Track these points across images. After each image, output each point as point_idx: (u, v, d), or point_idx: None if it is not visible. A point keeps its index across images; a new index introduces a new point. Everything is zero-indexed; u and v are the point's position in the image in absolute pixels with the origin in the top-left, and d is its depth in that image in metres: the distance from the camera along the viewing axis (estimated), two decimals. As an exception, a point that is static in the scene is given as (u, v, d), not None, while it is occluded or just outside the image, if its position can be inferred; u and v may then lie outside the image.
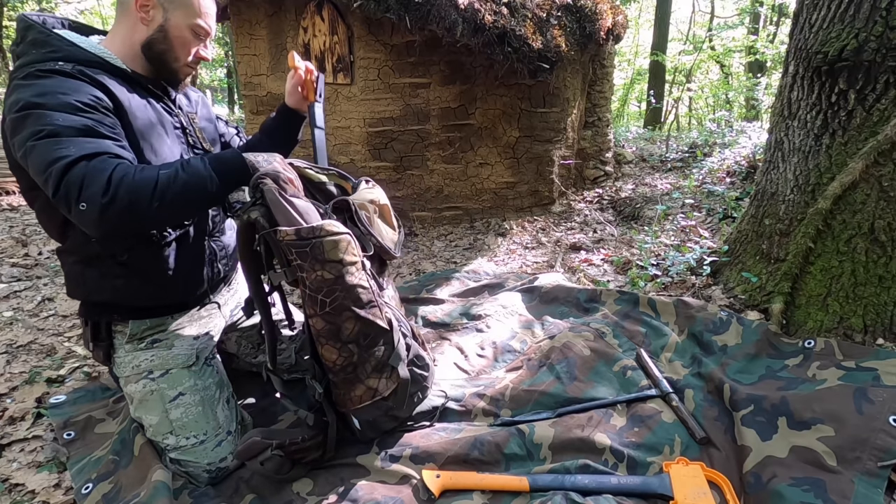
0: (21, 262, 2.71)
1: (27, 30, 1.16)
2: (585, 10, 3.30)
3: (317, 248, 1.12)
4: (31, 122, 1.02)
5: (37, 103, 1.03)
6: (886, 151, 1.49)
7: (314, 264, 1.12)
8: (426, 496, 1.16)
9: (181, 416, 1.27)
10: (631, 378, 1.53)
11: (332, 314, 1.15)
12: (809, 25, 1.66)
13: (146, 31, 1.22)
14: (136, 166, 1.04)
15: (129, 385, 1.30)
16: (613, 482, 1.17)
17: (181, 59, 1.26)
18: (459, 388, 1.55)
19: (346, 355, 1.18)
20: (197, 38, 1.27)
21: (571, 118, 3.62)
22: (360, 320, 1.18)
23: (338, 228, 1.16)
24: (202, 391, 1.31)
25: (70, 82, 1.08)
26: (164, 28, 1.22)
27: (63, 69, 1.10)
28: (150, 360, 1.29)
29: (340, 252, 1.15)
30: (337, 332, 1.17)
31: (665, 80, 10.99)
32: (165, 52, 1.24)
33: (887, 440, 1.13)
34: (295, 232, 1.11)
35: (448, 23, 2.77)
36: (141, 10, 1.20)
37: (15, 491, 1.28)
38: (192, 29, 1.24)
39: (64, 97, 1.05)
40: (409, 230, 3.35)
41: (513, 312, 1.99)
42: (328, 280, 1.13)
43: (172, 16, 1.22)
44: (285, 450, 1.18)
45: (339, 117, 3.29)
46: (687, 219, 2.89)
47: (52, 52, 1.12)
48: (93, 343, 1.32)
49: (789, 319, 1.69)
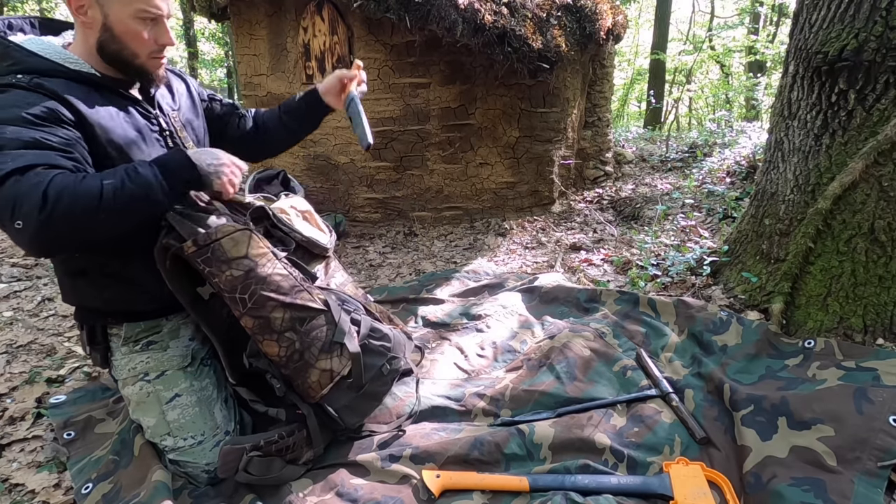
0: (21, 262, 2.71)
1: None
2: (585, 10, 3.30)
3: (217, 251, 1.14)
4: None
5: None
6: (886, 151, 1.49)
7: (220, 266, 1.14)
8: (426, 496, 1.16)
9: (178, 418, 1.27)
10: (631, 378, 1.53)
11: (256, 308, 1.16)
12: (809, 25, 1.65)
13: (94, 34, 1.12)
14: (75, 176, 0.96)
15: (127, 387, 1.30)
16: (613, 482, 1.17)
17: (140, 53, 1.15)
18: (459, 387, 1.55)
19: (287, 344, 1.19)
20: (148, 25, 1.13)
21: (571, 118, 3.62)
22: (288, 307, 1.19)
23: (233, 227, 1.17)
24: (199, 392, 1.30)
25: (25, 95, 1.02)
26: (108, 25, 1.10)
27: (20, 83, 1.04)
28: (146, 362, 1.29)
29: (244, 248, 1.16)
30: (268, 325, 1.17)
31: (665, 80, 10.99)
32: (119, 51, 1.13)
33: (887, 440, 1.13)
34: (193, 242, 1.13)
35: (448, 23, 2.77)
36: (79, 14, 1.10)
37: (15, 491, 1.28)
38: (137, 16, 1.11)
39: (16, 110, 0.99)
40: (409, 230, 3.35)
41: (513, 312, 1.99)
42: (239, 277, 1.15)
43: (111, 10, 1.09)
44: (263, 449, 1.18)
45: (340, 117, 3.28)
46: (687, 219, 2.89)
47: (11, 64, 1.07)
48: (89, 346, 1.32)
49: (789, 319, 1.69)
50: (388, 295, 2.30)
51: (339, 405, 1.24)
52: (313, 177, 3.51)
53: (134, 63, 1.16)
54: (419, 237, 3.27)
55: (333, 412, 1.24)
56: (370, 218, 3.47)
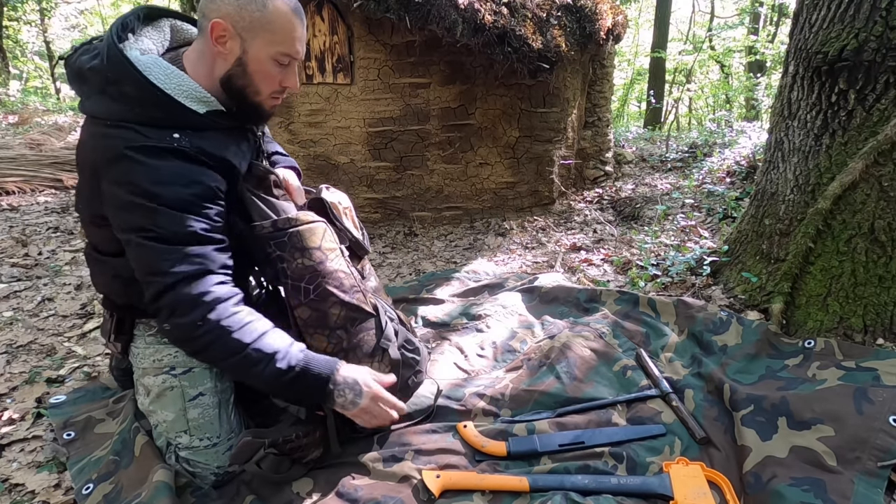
0: (21, 262, 2.71)
1: (125, 77, 1.02)
2: (585, 10, 3.30)
3: (295, 237, 1.15)
4: (141, 213, 1.01)
5: (151, 193, 1.00)
6: (886, 151, 1.49)
7: (294, 253, 1.15)
8: (426, 496, 1.16)
9: (198, 417, 1.25)
10: (631, 378, 1.53)
11: (317, 301, 1.17)
12: (809, 25, 1.66)
13: (224, 66, 1.10)
14: (232, 317, 1.05)
15: (147, 377, 1.26)
16: (613, 482, 1.17)
17: (263, 91, 1.14)
18: (459, 387, 1.55)
19: (336, 342, 1.20)
20: (281, 67, 1.12)
21: (571, 118, 3.62)
22: (346, 305, 1.20)
23: (313, 217, 1.19)
24: (220, 393, 1.29)
25: (189, 169, 1.04)
26: (243, 61, 1.09)
27: (182, 147, 1.03)
28: (174, 355, 1.26)
29: (318, 239, 1.17)
30: (324, 319, 1.18)
31: (665, 80, 10.99)
32: (245, 87, 1.12)
33: (887, 440, 1.13)
34: (272, 224, 1.14)
35: (448, 23, 2.77)
36: (217, 43, 1.07)
37: (15, 491, 1.28)
38: (275, 59, 1.10)
39: (182, 190, 1.02)
40: (409, 230, 3.35)
41: (513, 312, 1.99)
42: (309, 267, 1.16)
43: (251, 46, 1.08)
44: (279, 448, 1.18)
45: (339, 117, 3.29)
46: (687, 219, 2.89)
47: (165, 118, 1.04)
48: (114, 335, 1.29)
49: (789, 319, 1.69)
50: (387, 295, 2.30)
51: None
52: (313, 177, 3.51)
53: (254, 100, 1.15)
54: (419, 237, 3.27)
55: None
56: (370, 218, 3.47)
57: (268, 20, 1.07)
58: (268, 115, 1.22)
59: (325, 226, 1.20)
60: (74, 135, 6.10)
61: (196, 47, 1.14)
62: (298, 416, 1.26)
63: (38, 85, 14.80)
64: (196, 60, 1.13)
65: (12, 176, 4.11)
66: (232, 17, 1.05)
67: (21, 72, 14.42)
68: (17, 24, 13.04)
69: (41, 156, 4.49)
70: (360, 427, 1.27)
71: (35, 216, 3.54)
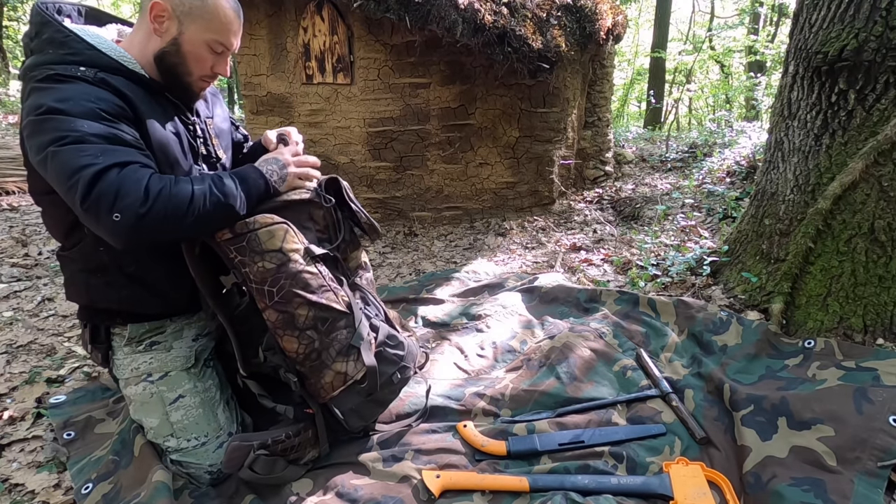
0: (21, 262, 2.71)
1: (43, 25, 1.10)
2: (585, 10, 3.30)
3: (253, 241, 1.15)
4: (53, 126, 0.99)
5: (59, 108, 1.00)
6: (886, 151, 1.49)
7: (253, 256, 1.15)
8: (426, 496, 1.16)
9: (182, 419, 1.26)
10: (631, 378, 1.53)
11: (282, 303, 1.16)
12: (809, 25, 1.66)
13: (159, 43, 1.16)
14: (168, 178, 1.03)
15: (129, 388, 1.29)
16: (613, 482, 1.17)
17: (194, 73, 1.20)
18: (459, 387, 1.55)
19: (307, 342, 1.19)
20: (214, 54, 1.20)
21: (571, 118, 3.62)
22: (314, 305, 1.19)
23: (272, 219, 1.18)
24: (202, 393, 1.30)
25: (93, 89, 1.05)
26: (178, 41, 1.15)
27: (85, 76, 1.06)
28: (149, 362, 1.28)
29: (279, 241, 1.17)
30: (292, 321, 1.17)
31: (665, 80, 10.99)
32: (177, 65, 1.18)
33: (887, 440, 1.13)
34: (229, 230, 1.14)
35: (448, 23, 2.77)
36: (155, 21, 1.14)
37: (15, 491, 1.28)
38: (208, 44, 1.17)
39: (88, 104, 1.02)
40: (409, 230, 3.35)
41: (513, 312, 1.99)
42: (270, 270, 1.15)
43: (188, 29, 1.14)
44: (270, 449, 1.18)
45: (339, 117, 3.29)
46: (687, 219, 2.89)
47: (72, 54, 1.08)
48: (91, 345, 1.31)
49: (789, 319, 1.69)
50: (388, 295, 2.30)
51: (346, 408, 1.24)
52: (313, 177, 3.51)
53: (184, 79, 1.20)
54: (419, 237, 3.27)
55: (340, 414, 1.24)
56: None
57: (206, 10, 1.14)
58: (196, 95, 1.26)
59: (286, 227, 1.19)
60: (74, 135, 6.09)
61: (135, 27, 1.20)
62: (286, 415, 1.26)
63: (38, 85, 14.78)
64: (132, 36, 1.19)
65: (12, 176, 4.11)
66: (172, 1, 1.12)
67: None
68: (17, 25, 13.05)
69: (41, 156, 4.49)
70: (351, 426, 1.27)
71: (35, 216, 3.54)
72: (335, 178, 1.35)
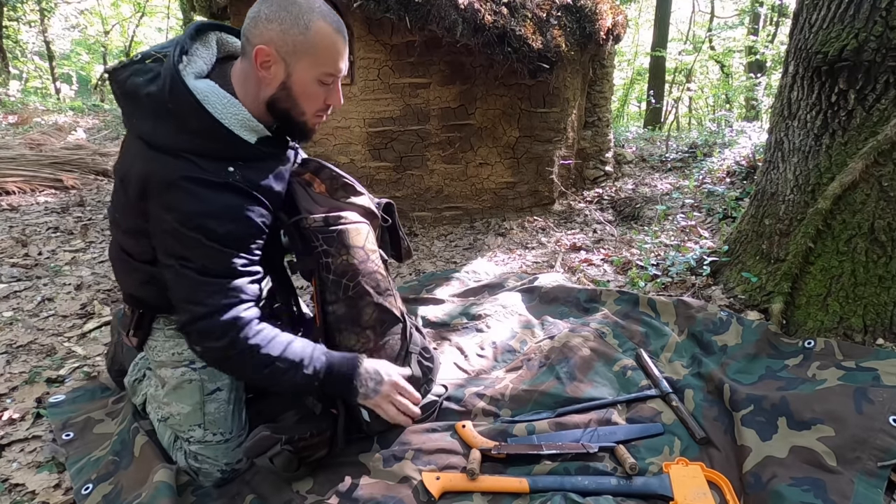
0: (21, 262, 2.71)
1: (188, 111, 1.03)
2: (585, 10, 3.30)
3: (343, 234, 1.19)
4: (186, 244, 1.04)
5: (200, 226, 1.03)
6: (886, 151, 1.49)
7: (340, 249, 1.19)
8: (426, 498, 1.16)
9: (214, 412, 1.26)
10: (631, 378, 1.53)
11: (354, 298, 1.22)
12: (809, 25, 1.66)
13: (269, 90, 1.10)
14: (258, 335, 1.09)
15: (164, 369, 1.26)
16: (613, 483, 1.17)
17: (308, 112, 1.14)
18: (459, 387, 1.55)
19: (364, 341, 1.24)
20: (325, 87, 1.12)
21: (571, 118, 3.62)
22: (378, 307, 1.24)
23: (358, 218, 1.24)
24: (235, 390, 1.30)
25: (239, 203, 1.07)
26: (287, 85, 1.09)
27: (236, 183, 1.06)
28: None
29: (362, 239, 1.22)
30: (357, 318, 1.23)
31: (665, 79, 10.99)
32: (290, 109, 1.12)
33: (887, 440, 1.13)
34: (322, 219, 1.19)
35: (448, 23, 2.77)
36: (262, 68, 1.07)
37: (15, 491, 1.28)
38: (319, 80, 1.10)
39: (229, 225, 1.05)
40: (409, 230, 3.35)
41: (513, 312, 1.99)
42: (352, 264, 1.20)
43: (295, 70, 1.07)
44: (294, 445, 1.18)
45: (340, 117, 3.29)
46: (687, 219, 2.89)
47: (222, 150, 1.06)
48: (133, 330, 1.28)
49: (789, 319, 1.69)
50: (388, 295, 2.30)
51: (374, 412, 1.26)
52: (313, 177, 3.51)
53: (299, 120, 1.15)
54: (419, 237, 3.27)
55: (367, 417, 1.26)
56: (370, 218, 3.47)
57: (311, 43, 1.06)
58: (312, 132, 1.21)
59: (368, 227, 1.25)
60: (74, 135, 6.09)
61: (242, 69, 1.12)
62: (314, 410, 1.28)
63: (37, 85, 14.80)
64: (243, 83, 1.12)
65: (12, 176, 4.11)
66: (275, 42, 1.04)
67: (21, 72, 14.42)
68: (17, 24, 13.04)
69: (41, 156, 4.49)
70: (373, 429, 1.29)
71: (35, 216, 3.54)
72: (391, 203, 1.39)
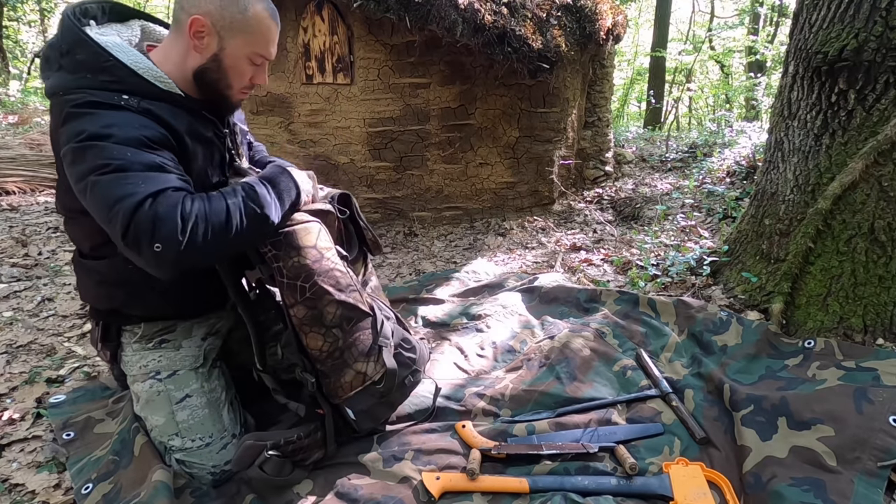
0: (21, 262, 2.71)
1: (77, 44, 1.05)
2: (585, 10, 3.30)
3: (290, 236, 1.16)
4: (95, 154, 0.97)
5: (102, 135, 0.98)
6: (886, 151, 1.49)
7: (289, 251, 1.16)
8: (426, 498, 1.16)
9: (187, 418, 1.26)
10: (631, 378, 1.53)
11: (313, 299, 1.18)
12: (809, 25, 1.66)
13: (199, 59, 1.13)
14: (201, 196, 1.02)
15: (136, 384, 1.29)
16: (613, 483, 1.17)
17: (234, 86, 1.18)
18: (459, 387, 1.55)
19: (332, 340, 1.20)
20: (254, 66, 1.18)
21: (571, 118, 3.62)
22: (341, 304, 1.20)
23: (307, 217, 1.20)
24: (209, 393, 1.30)
25: (137, 117, 1.03)
26: (219, 57, 1.13)
27: (129, 104, 1.04)
28: (158, 360, 1.28)
29: (313, 238, 1.19)
30: (320, 318, 1.19)
31: (665, 80, 10.99)
32: (217, 80, 1.16)
33: (887, 440, 1.13)
34: None
35: (448, 23, 2.77)
36: (195, 38, 1.10)
37: (15, 491, 1.28)
38: (249, 58, 1.15)
39: (133, 131, 1.01)
40: (409, 230, 3.35)
41: (513, 312, 1.99)
42: (305, 265, 1.17)
43: (229, 44, 1.12)
44: (282, 450, 1.18)
45: (339, 117, 3.28)
46: (687, 219, 2.89)
47: (113, 82, 1.05)
48: (101, 343, 1.31)
49: (789, 319, 1.69)
50: (388, 295, 2.30)
51: (359, 409, 1.25)
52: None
53: (225, 93, 1.19)
54: (419, 237, 3.27)
55: (352, 415, 1.25)
56: (370, 218, 3.46)
57: (248, 24, 1.11)
58: (234, 108, 1.26)
59: (319, 225, 1.22)
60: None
61: (169, 39, 1.16)
62: (297, 413, 1.26)
63: (37, 85, 14.78)
64: (165, 51, 1.16)
65: (12, 176, 4.11)
66: (213, 15, 1.09)
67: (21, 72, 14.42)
68: (17, 25, 13.04)
69: (41, 156, 4.49)
70: (361, 428, 1.28)
71: (35, 216, 3.54)
72: (347, 193, 1.38)
